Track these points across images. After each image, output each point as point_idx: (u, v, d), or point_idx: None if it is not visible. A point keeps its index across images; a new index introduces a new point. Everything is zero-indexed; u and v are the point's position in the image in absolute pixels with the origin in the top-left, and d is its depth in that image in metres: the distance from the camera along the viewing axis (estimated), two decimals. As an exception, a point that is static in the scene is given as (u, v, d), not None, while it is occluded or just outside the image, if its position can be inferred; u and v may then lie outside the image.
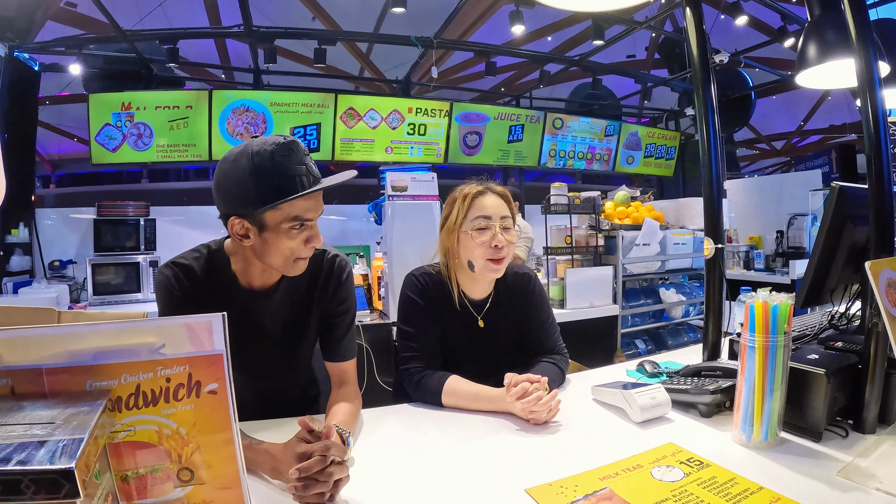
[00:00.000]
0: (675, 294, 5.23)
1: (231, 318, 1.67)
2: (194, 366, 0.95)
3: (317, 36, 7.15)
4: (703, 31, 2.32)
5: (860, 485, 1.33)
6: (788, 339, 1.52)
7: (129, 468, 0.95)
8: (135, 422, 0.94)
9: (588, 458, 1.49)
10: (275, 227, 1.63)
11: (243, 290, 1.84)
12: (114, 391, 0.92)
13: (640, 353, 5.15)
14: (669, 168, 11.11)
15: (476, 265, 2.13)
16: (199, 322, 0.95)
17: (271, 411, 1.92)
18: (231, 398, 0.97)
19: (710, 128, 2.31)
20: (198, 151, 7.03)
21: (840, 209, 1.84)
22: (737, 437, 1.60)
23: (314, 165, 1.67)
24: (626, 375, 2.31)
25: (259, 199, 1.57)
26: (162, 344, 0.93)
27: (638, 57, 13.17)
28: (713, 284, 2.30)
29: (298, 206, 1.62)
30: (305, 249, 1.70)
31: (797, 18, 7.33)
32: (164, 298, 1.74)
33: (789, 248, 7.67)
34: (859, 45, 1.71)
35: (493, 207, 2.12)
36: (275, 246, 1.66)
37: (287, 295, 1.91)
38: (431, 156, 8.36)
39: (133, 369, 0.92)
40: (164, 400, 0.94)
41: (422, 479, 1.43)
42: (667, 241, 5.07)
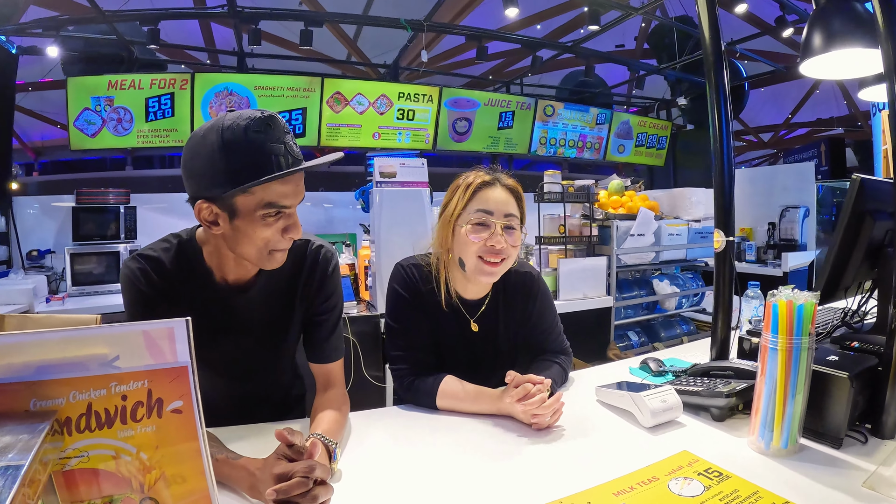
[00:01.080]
0: (669, 286, 5.20)
1: (206, 315, 1.54)
2: (154, 381, 0.83)
3: (303, 17, 7.01)
4: (715, 15, 2.24)
5: (886, 496, 1.25)
6: (812, 341, 1.42)
7: (84, 498, 0.83)
8: (88, 446, 0.82)
9: (597, 469, 1.38)
10: (247, 213, 1.44)
11: (218, 284, 1.65)
12: (61, 411, 0.79)
13: (633, 346, 5.13)
14: (660, 158, 11.14)
15: (467, 265, 1.89)
16: (157, 329, 0.83)
17: (253, 414, 1.79)
18: (199, 417, 0.84)
19: (723, 116, 2.20)
20: (179, 136, 6.93)
21: (860, 202, 1.75)
22: (754, 444, 1.50)
23: (295, 145, 1.48)
24: (630, 374, 2.20)
25: (228, 180, 1.38)
26: (115, 355, 0.81)
27: (627, 47, 13.15)
28: (723, 279, 2.18)
29: (274, 191, 1.43)
30: (282, 240, 1.50)
31: (796, 8, 7.31)
32: (130, 295, 1.57)
33: (781, 240, 7.61)
34: (886, 32, 1.62)
35: (496, 202, 1.86)
36: (247, 235, 1.47)
37: (267, 290, 1.72)
38: (420, 142, 8.30)
39: (83, 385, 0.80)
40: (121, 421, 0.82)
41: (414, 495, 1.31)
42: (661, 232, 5.04)
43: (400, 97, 8.03)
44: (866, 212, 1.77)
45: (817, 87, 15.03)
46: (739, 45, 8.68)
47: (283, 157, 1.41)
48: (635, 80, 10.31)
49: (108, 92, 6.52)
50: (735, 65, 10.17)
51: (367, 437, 1.66)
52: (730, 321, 2.18)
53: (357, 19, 8.01)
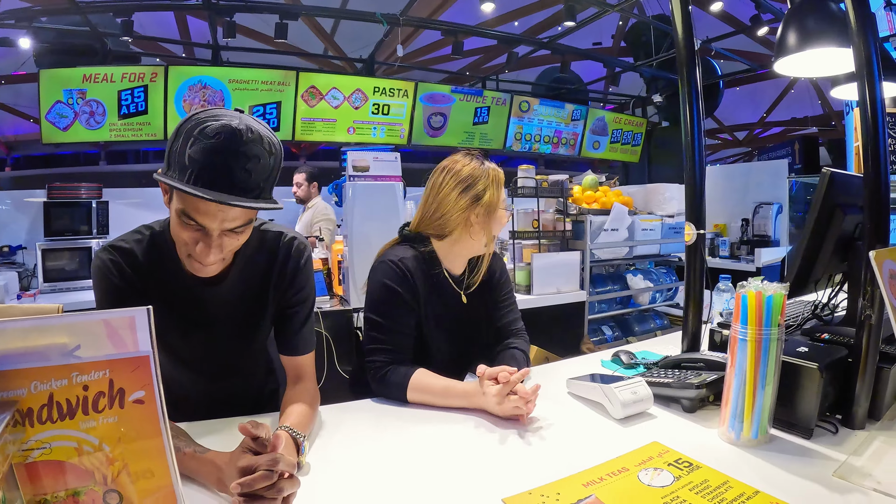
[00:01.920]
0: (643, 280, 5.25)
1: (178, 308, 1.52)
2: (116, 370, 0.82)
3: (278, 10, 6.98)
4: (689, 15, 2.27)
5: (857, 485, 1.27)
6: (782, 332, 1.43)
7: (48, 491, 0.82)
8: (50, 437, 0.81)
9: (568, 461, 1.39)
10: (173, 205, 1.43)
11: (189, 276, 1.61)
12: (22, 402, 0.78)
13: (607, 340, 5.16)
14: (635, 154, 11.23)
15: (489, 241, 2.14)
16: (118, 318, 0.82)
17: (227, 411, 1.75)
18: (161, 407, 0.83)
19: (695, 111, 2.24)
20: (152, 130, 6.87)
21: (830, 196, 1.79)
22: (724, 435, 1.52)
23: (250, 176, 1.37)
24: (601, 367, 2.22)
25: (169, 166, 1.37)
26: (76, 345, 0.79)
27: (604, 44, 13.21)
28: (694, 272, 2.20)
29: (192, 205, 1.38)
30: (195, 250, 1.45)
31: (771, 8, 7.38)
32: (101, 287, 1.55)
33: (754, 236, 7.70)
34: (858, 31, 1.66)
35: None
36: (172, 224, 1.48)
37: (239, 282, 1.70)
38: (395, 137, 8.31)
39: (44, 375, 0.79)
40: (83, 412, 0.81)
41: (385, 488, 1.31)
42: (635, 227, 5.08)
43: (375, 92, 8.02)
44: (836, 205, 1.81)
45: (792, 87, 15.21)
46: (715, 43, 8.75)
47: (221, 178, 1.33)
48: (611, 78, 10.38)
49: (81, 85, 6.46)
50: (710, 63, 10.25)
51: (337, 430, 1.66)
52: (701, 314, 2.20)
53: (333, 13, 7.97)
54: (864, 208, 1.64)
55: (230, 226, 1.42)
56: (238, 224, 1.44)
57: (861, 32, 1.64)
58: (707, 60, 9.98)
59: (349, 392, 2.09)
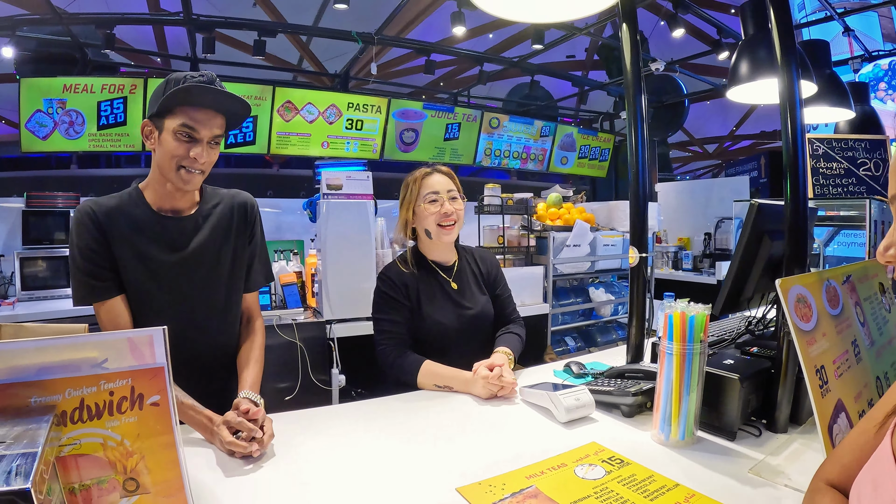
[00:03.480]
0: (605, 293, 5.35)
1: (152, 245, 1.86)
2: (136, 379, 0.98)
3: (257, 27, 7.06)
4: (637, 47, 2.40)
5: (770, 481, 1.43)
6: (704, 347, 1.62)
7: (76, 481, 0.97)
8: (80, 435, 0.96)
9: (515, 457, 1.56)
10: (167, 130, 1.81)
11: (156, 213, 1.95)
12: (58, 406, 0.94)
13: (570, 351, 5.26)
14: (602, 169, 11.32)
15: (431, 231, 2.47)
16: (140, 336, 0.98)
17: (207, 374, 2.03)
18: (173, 409, 1.00)
19: (639, 142, 2.40)
20: (130, 141, 6.89)
21: (758, 224, 1.94)
22: (656, 437, 1.69)
23: (225, 96, 1.85)
24: (554, 376, 2.39)
25: (163, 102, 1.78)
26: (105, 358, 0.96)
27: (577, 57, 13.33)
28: (637, 290, 2.40)
29: (188, 115, 1.81)
30: (188, 159, 1.83)
31: (733, 32, 7.53)
32: (76, 231, 1.86)
33: (716, 249, 7.88)
34: (784, 67, 1.81)
35: (440, 184, 2.48)
36: (165, 149, 1.83)
37: (203, 218, 2.04)
38: (368, 151, 8.37)
39: (77, 384, 0.95)
40: (108, 413, 0.97)
41: (353, 480, 1.46)
42: (597, 243, 5.19)
43: (349, 107, 8.10)
44: (764, 232, 1.95)
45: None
46: (687, 61, 8.88)
47: (209, 89, 1.80)
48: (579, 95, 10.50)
49: (62, 94, 6.47)
50: (676, 81, 10.44)
51: (309, 431, 1.82)
52: (643, 329, 2.39)
53: (309, 31, 8.08)
54: (784, 235, 1.81)
55: (218, 132, 1.88)
56: (219, 133, 1.89)
57: (786, 67, 1.80)
58: (673, 78, 10.16)
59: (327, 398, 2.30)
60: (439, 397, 2.17)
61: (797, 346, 1.38)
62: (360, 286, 3.95)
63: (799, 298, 1.49)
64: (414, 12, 9.71)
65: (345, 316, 3.92)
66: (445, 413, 1.99)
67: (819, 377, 1.39)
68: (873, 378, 1.65)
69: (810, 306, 1.50)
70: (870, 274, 1.92)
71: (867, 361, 1.66)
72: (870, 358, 1.68)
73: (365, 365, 4.00)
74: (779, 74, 1.83)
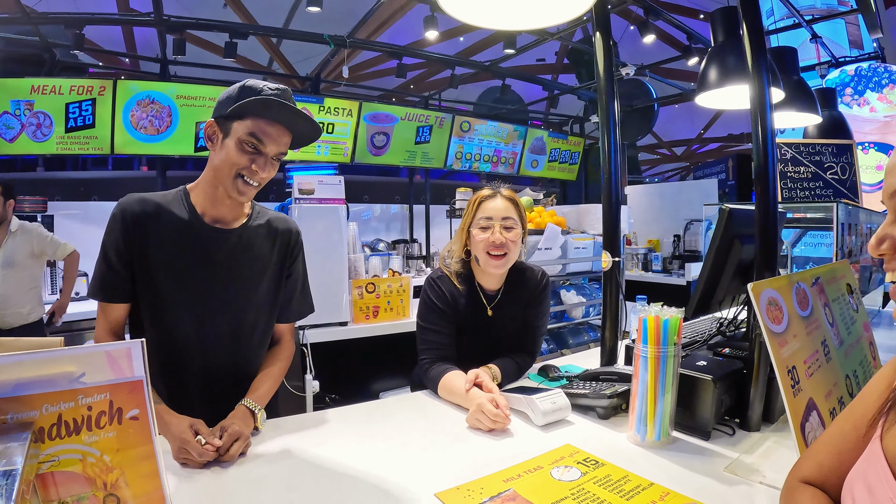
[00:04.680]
0: (576, 296, 5.36)
1: (183, 245, 1.85)
2: (115, 393, 0.97)
3: (228, 29, 6.99)
4: (610, 55, 2.45)
5: (745, 479, 1.47)
6: (678, 350, 1.66)
7: (55, 498, 0.95)
8: (58, 451, 0.95)
9: (493, 462, 1.57)
10: (234, 135, 1.78)
11: (200, 218, 1.91)
12: (36, 422, 0.92)
13: (543, 353, 5.25)
14: (573, 172, 11.38)
15: (480, 259, 2.36)
16: (118, 349, 0.98)
17: (223, 395, 1.92)
18: (153, 423, 1.00)
19: (612, 148, 2.44)
20: (99, 144, 6.76)
21: (729, 229, 1.98)
22: (632, 438, 1.72)
23: (301, 118, 1.83)
24: (529, 380, 2.42)
25: (237, 105, 1.74)
26: (82, 373, 0.95)
27: (548, 61, 13.41)
28: (610, 294, 2.43)
29: (259, 126, 1.78)
30: (249, 169, 1.80)
31: (702, 38, 7.59)
32: (110, 224, 1.85)
33: (685, 251, 8.00)
34: (755, 73, 1.85)
35: (495, 209, 2.35)
36: (226, 154, 1.79)
37: (248, 237, 1.99)
38: (339, 155, 8.33)
39: (54, 399, 0.93)
40: (87, 428, 0.96)
41: (332, 487, 1.47)
42: (568, 246, 5.20)
43: (320, 111, 8.04)
44: (734, 237, 2.00)
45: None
46: (657, 66, 8.96)
47: (280, 106, 1.78)
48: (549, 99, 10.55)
49: (29, 96, 6.35)
50: (646, 85, 10.53)
51: (295, 437, 1.82)
52: (617, 332, 2.42)
53: (280, 33, 8.03)
54: (755, 239, 1.84)
55: (283, 149, 1.86)
56: (283, 151, 1.87)
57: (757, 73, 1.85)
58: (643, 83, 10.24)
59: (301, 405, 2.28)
60: (416, 402, 2.20)
61: (769, 348, 1.41)
62: (333, 291, 3.94)
63: (770, 301, 1.51)
64: (385, 15, 9.70)
65: (318, 322, 3.91)
66: (423, 418, 2.00)
67: (791, 377, 1.42)
68: (843, 376, 1.69)
69: (781, 309, 1.53)
70: (837, 275, 1.96)
71: (836, 360, 1.69)
72: (839, 357, 1.71)
73: (339, 371, 4.00)
74: (750, 81, 1.87)
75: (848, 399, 1.65)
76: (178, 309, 1.87)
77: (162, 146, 7.08)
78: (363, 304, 4.11)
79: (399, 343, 4.10)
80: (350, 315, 4.11)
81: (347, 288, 4.09)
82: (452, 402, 2.12)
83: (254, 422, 1.79)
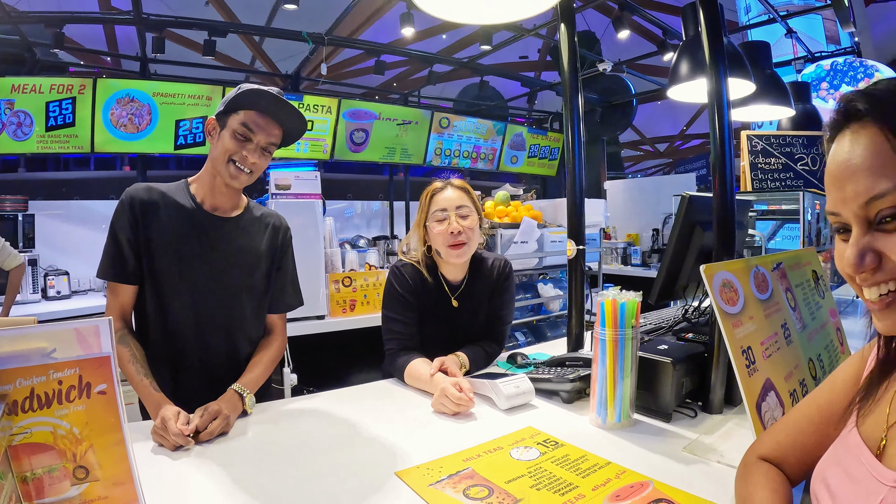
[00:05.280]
0: (553, 289, 5.41)
1: (185, 231, 1.96)
2: (84, 368, 1.02)
3: (207, 27, 6.95)
4: (575, 46, 2.50)
5: (702, 458, 1.51)
6: (636, 332, 1.70)
7: (27, 470, 0.99)
8: (31, 424, 0.98)
9: (456, 444, 1.61)
10: (228, 127, 1.95)
11: (201, 207, 2.05)
12: (10, 395, 0.96)
13: (521, 345, 5.28)
14: (552, 168, 11.38)
15: (441, 251, 2.38)
16: (86, 327, 1.02)
17: (218, 379, 2.00)
18: (119, 397, 1.04)
19: (576, 139, 2.51)
20: (80, 143, 6.70)
21: (689, 215, 2.03)
22: (593, 420, 1.76)
23: (288, 109, 2.00)
24: (497, 367, 2.46)
25: (231, 98, 1.94)
26: (53, 348, 0.99)
27: (530, 58, 13.43)
28: (575, 281, 2.50)
29: (251, 118, 1.95)
30: (240, 155, 1.96)
31: (678, 34, 7.59)
32: (118, 208, 1.97)
33: (664, 245, 8.00)
34: (712, 67, 1.90)
35: (448, 200, 2.37)
36: (222, 144, 1.96)
37: (244, 226, 2.13)
38: (318, 152, 8.32)
39: (26, 374, 0.97)
40: (58, 402, 1.00)
41: (299, 467, 1.51)
42: (544, 239, 5.26)
43: (300, 107, 7.84)
44: (695, 223, 2.04)
45: (710, 103, 15.62)
46: (635, 62, 8.99)
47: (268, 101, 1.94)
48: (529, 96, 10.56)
49: (10, 95, 6.29)
50: (625, 81, 10.58)
51: (261, 422, 1.86)
52: (582, 318, 2.48)
53: (260, 31, 8.00)
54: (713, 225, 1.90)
55: (273, 140, 2.01)
56: (272, 141, 2.01)
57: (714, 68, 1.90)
58: (622, 78, 10.30)
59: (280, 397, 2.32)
60: (384, 389, 2.25)
61: (722, 328, 1.45)
62: (309, 285, 3.96)
63: (724, 283, 1.56)
64: (365, 14, 9.70)
65: (295, 315, 3.93)
66: (388, 403, 2.06)
67: (746, 357, 1.46)
68: (805, 360, 1.73)
69: (737, 290, 1.58)
70: (802, 262, 2.01)
71: (798, 344, 1.73)
72: (801, 340, 1.76)
73: (316, 364, 4.03)
74: (707, 74, 1.92)
75: (811, 381, 1.70)
76: (177, 294, 1.99)
77: (141, 144, 7.05)
78: (340, 297, 4.15)
79: (376, 336, 4.11)
80: (327, 309, 4.15)
81: (324, 282, 4.13)
82: (419, 389, 2.16)
83: (242, 405, 1.87)
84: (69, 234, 6.30)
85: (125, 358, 1.84)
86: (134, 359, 1.86)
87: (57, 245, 5.15)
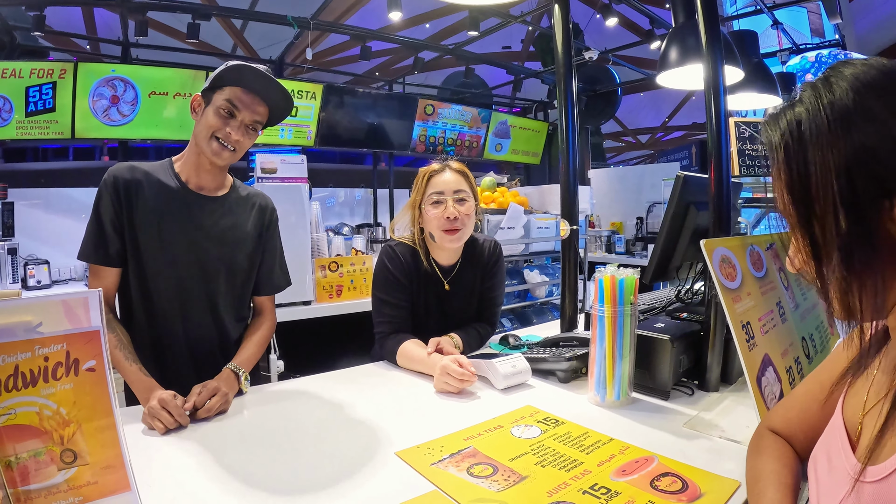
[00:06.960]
0: (539, 275, 5.39)
1: (169, 209, 1.91)
2: (72, 343, 0.96)
3: (191, 10, 6.80)
4: (569, 30, 2.47)
5: (704, 433, 1.51)
6: (635, 309, 1.68)
7: (11, 454, 0.92)
8: (15, 404, 0.92)
9: (455, 423, 1.59)
10: (212, 104, 1.90)
11: (186, 186, 2.00)
12: None
13: (506, 329, 5.30)
14: (537, 156, 11.32)
15: (435, 236, 2.31)
16: (75, 298, 0.96)
17: (204, 358, 2.03)
18: (109, 374, 0.99)
19: (570, 119, 2.47)
20: (60, 129, 6.53)
21: (684, 195, 2.00)
22: (592, 399, 1.75)
23: (274, 86, 1.94)
24: (490, 348, 2.44)
25: (215, 75, 1.90)
26: (39, 322, 0.93)
27: (514, 48, 13.41)
28: (569, 262, 2.47)
29: (235, 94, 1.90)
30: (224, 132, 1.90)
31: (664, 23, 7.60)
32: (101, 189, 1.91)
33: (648, 233, 8.10)
34: (708, 52, 1.89)
35: (446, 183, 2.30)
36: (205, 120, 1.91)
37: (230, 206, 2.08)
38: (302, 138, 8.18)
39: (11, 349, 0.91)
40: (44, 380, 0.94)
41: (295, 451, 1.48)
42: (530, 225, 5.22)
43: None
44: (690, 203, 2.02)
45: (693, 94, 15.70)
46: (617, 51, 8.99)
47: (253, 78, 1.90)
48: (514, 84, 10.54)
49: None
50: (609, 71, 10.56)
51: (263, 405, 1.83)
52: (576, 299, 2.46)
53: (244, 15, 7.84)
54: (709, 205, 1.89)
55: (258, 118, 1.96)
56: (258, 119, 1.96)
57: (710, 52, 1.88)
58: (606, 68, 10.28)
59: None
60: (380, 371, 2.21)
61: (723, 302, 1.44)
62: (296, 270, 3.92)
63: (723, 259, 1.55)
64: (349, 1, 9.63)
65: (281, 301, 3.89)
66: (386, 385, 2.02)
67: (746, 332, 1.46)
68: (799, 338, 1.74)
69: (735, 267, 1.57)
70: (794, 243, 1.99)
71: (792, 322, 1.74)
72: (794, 319, 1.77)
73: (303, 350, 3.99)
74: (704, 59, 1.91)
75: (804, 360, 1.71)
76: (162, 275, 1.95)
77: (124, 130, 6.90)
78: (326, 283, 4.11)
79: (363, 322, 4.09)
80: (314, 294, 4.10)
81: (311, 267, 4.08)
82: (413, 371, 2.14)
83: (238, 384, 1.87)
84: (49, 223, 6.19)
85: (112, 343, 1.79)
86: (121, 344, 1.81)
87: (37, 234, 5.06)
